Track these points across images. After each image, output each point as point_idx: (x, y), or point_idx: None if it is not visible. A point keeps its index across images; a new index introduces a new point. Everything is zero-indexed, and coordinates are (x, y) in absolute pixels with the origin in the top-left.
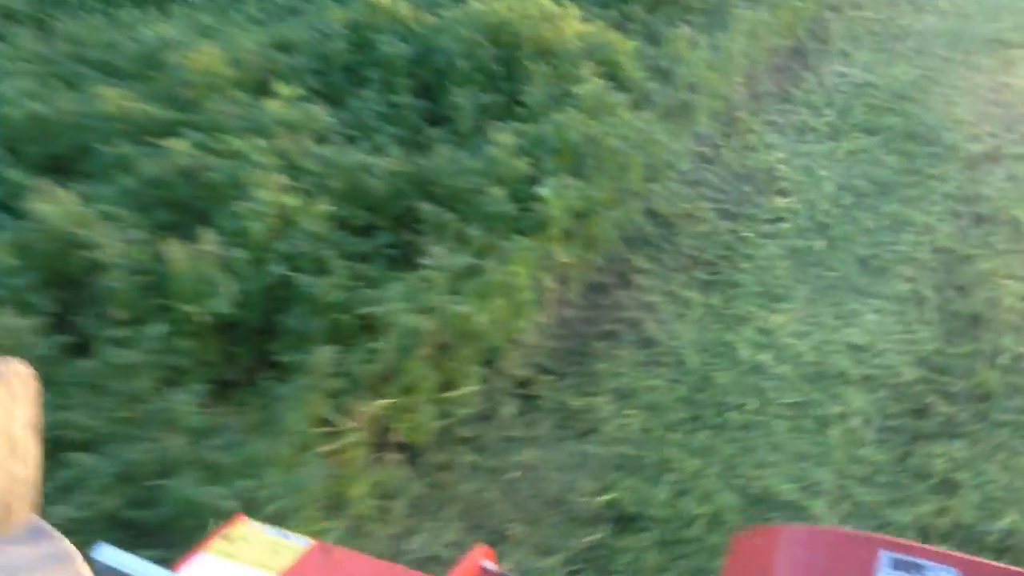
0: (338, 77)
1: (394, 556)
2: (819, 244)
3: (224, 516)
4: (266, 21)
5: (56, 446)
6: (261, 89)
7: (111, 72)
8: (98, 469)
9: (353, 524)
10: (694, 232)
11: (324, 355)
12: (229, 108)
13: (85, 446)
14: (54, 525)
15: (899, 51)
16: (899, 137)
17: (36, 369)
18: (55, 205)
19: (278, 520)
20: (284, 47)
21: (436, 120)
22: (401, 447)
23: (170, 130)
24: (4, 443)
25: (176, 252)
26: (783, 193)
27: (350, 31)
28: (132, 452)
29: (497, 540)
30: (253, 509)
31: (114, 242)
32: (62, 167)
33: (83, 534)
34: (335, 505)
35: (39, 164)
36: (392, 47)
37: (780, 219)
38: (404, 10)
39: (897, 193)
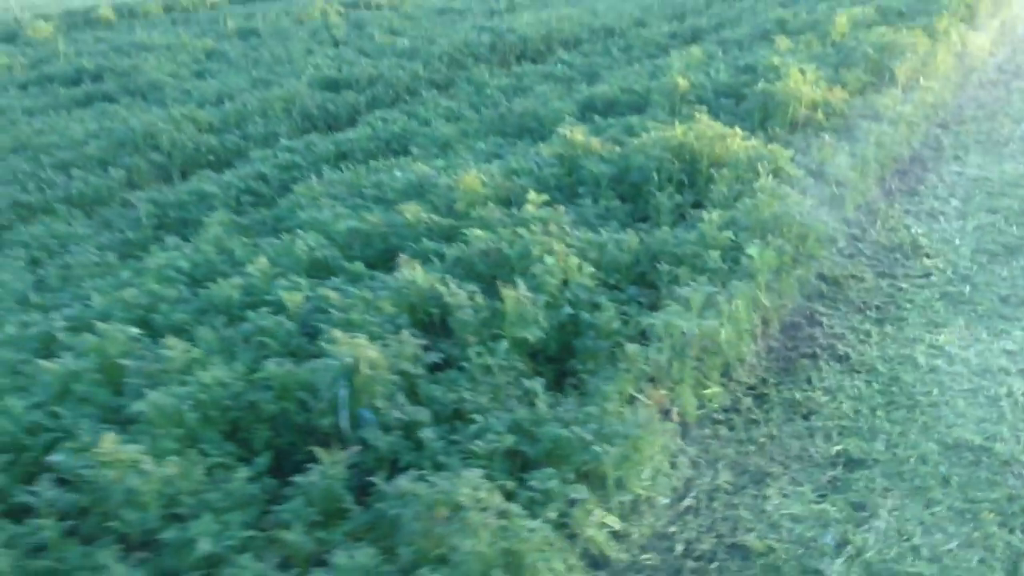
0: (556, 192)
1: (685, 489)
2: (965, 289)
3: (586, 444)
4: (501, 153)
5: (456, 414)
6: (506, 202)
7: (388, 199)
8: (492, 425)
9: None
10: (859, 288)
11: (631, 350)
12: (493, 212)
13: (479, 412)
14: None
15: (1005, 153)
16: (1018, 214)
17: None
18: (415, 271)
19: (626, 453)
20: (514, 173)
21: (639, 219)
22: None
23: (454, 231)
24: None
25: (508, 295)
26: (927, 256)
27: (558, 160)
28: (505, 418)
29: (760, 480)
30: (602, 439)
31: (458, 292)
32: (383, 261)
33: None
34: None
35: (365, 260)
36: (596, 167)
37: (929, 274)
38: (595, 143)
39: None
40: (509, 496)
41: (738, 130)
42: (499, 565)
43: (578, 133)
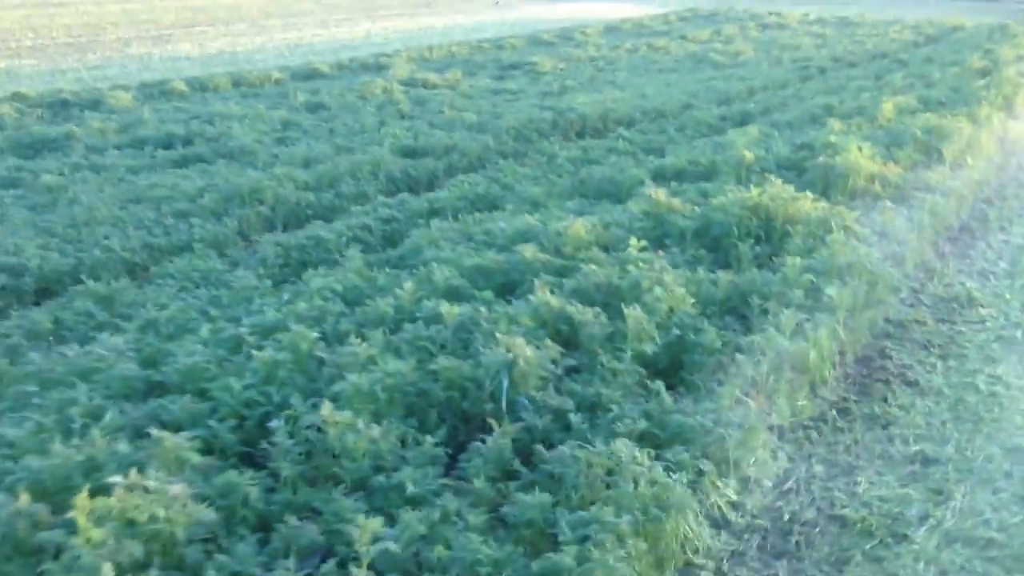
0: (647, 242)
1: (786, 476)
2: (1017, 334)
3: (708, 430)
4: (586, 210)
5: (593, 405)
6: (606, 248)
7: (497, 243)
8: (627, 412)
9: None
10: (922, 330)
11: (740, 359)
12: (598, 255)
13: (613, 403)
14: None
15: None
16: None
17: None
18: (547, 296)
19: (740, 439)
20: (609, 225)
21: (722, 266)
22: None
23: (565, 269)
24: None
25: (630, 314)
26: (982, 306)
27: (645, 215)
28: (636, 408)
29: (849, 472)
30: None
31: (585, 311)
32: (507, 291)
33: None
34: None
35: (493, 289)
36: (681, 222)
37: (984, 321)
38: (676, 203)
39: None
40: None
41: (808, 193)
42: (649, 506)
43: (661, 194)
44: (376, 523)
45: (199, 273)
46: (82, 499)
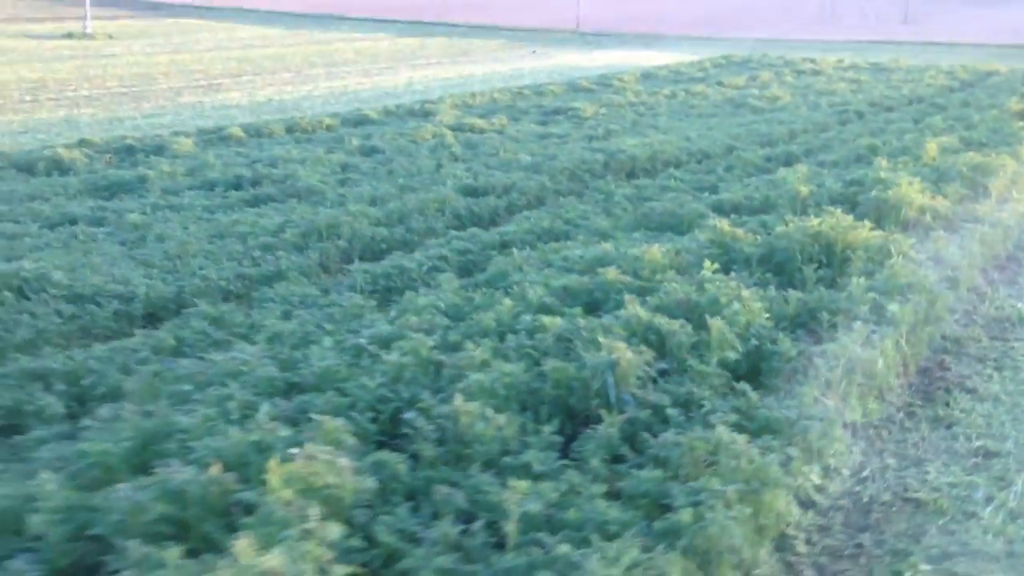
0: (718, 266)
1: (861, 467)
2: None
3: (793, 422)
4: (653, 239)
5: (686, 402)
6: (680, 271)
7: (576, 269)
8: (718, 407)
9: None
10: (977, 346)
11: (818, 362)
12: (674, 277)
13: (704, 400)
14: None
15: None
16: None
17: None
18: (637, 309)
19: (822, 430)
20: (679, 251)
21: (786, 288)
22: None
23: (644, 289)
24: None
25: (713, 324)
26: None
27: (711, 243)
28: (725, 404)
29: (919, 463)
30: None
31: (672, 323)
32: (593, 308)
33: None
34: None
35: (581, 307)
36: (747, 249)
37: None
38: (739, 232)
39: None
40: None
41: (866, 222)
42: (751, 480)
43: (724, 223)
44: (524, 484)
45: (297, 297)
46: (274, 464)
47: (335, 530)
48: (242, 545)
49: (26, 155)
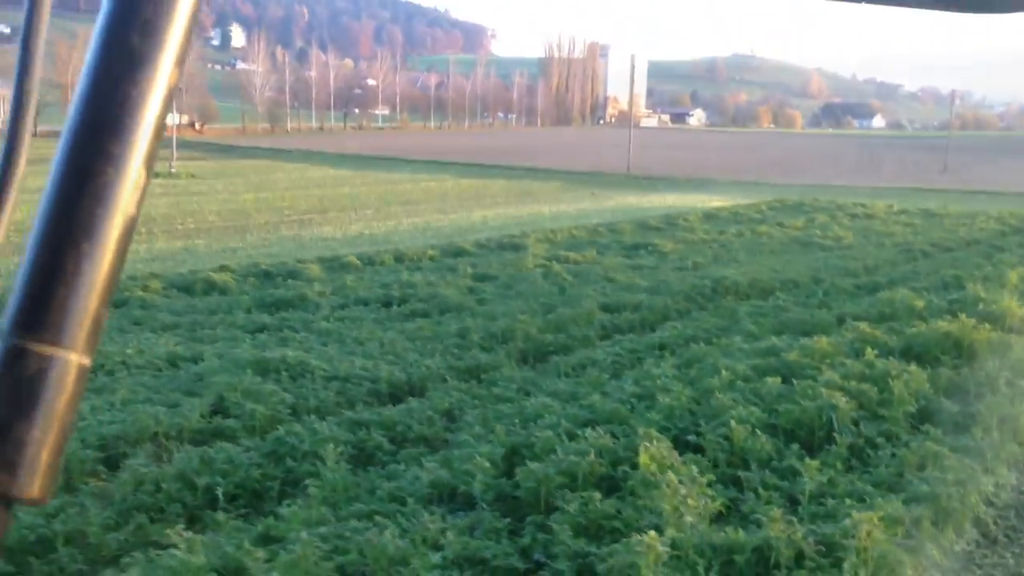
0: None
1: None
2: None
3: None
4: (799, 339)
5: None
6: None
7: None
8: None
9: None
10: None
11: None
12: (844, 360)
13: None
14: None
15: None
16: None
17: None
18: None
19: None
20: (835, 344)
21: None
22: None
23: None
24: None
25: (896, 385)
26: None
27: (857, 340)
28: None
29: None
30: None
31: (864, 387)
32: (787, 380)
33: None
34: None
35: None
36: (891, 343)
37: None
38: (877, 332)
39: None
40: None
41: (986, 324)
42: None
43: (863, 325)
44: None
45: (517, 379)
46: (648, 432)
47: None
48: None
49: (182, 278)
